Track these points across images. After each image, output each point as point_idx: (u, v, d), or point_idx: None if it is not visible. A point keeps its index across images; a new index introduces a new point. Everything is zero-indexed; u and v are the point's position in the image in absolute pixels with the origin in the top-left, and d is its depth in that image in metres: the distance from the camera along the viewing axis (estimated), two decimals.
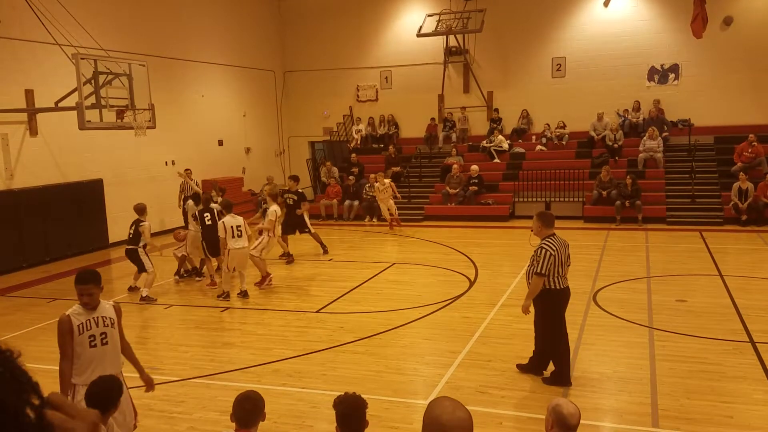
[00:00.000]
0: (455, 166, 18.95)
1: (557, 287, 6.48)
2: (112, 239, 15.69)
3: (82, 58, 12.13)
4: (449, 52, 21.16)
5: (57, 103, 13.05)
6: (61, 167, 14.58)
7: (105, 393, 3.92)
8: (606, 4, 19.63)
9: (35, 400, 0.90)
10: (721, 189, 16.93)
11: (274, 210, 11.29)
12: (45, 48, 13.46)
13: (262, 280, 11.12)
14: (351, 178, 19.53)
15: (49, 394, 1.02)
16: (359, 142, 22.00)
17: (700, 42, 17.33)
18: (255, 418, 3.70)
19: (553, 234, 6.52)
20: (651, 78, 19.66)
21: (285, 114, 23.71)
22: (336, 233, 17.02)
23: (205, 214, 11.13)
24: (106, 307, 4.72)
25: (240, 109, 21.39)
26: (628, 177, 16.88)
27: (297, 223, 13.44)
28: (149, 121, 13.50)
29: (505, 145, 20.02)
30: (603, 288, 10.32)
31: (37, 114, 13.82)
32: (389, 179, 17.63)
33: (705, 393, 6.30)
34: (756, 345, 7.56)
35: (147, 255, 10.68)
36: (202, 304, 10.41)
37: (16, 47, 13.46)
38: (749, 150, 17.09)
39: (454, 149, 20.10)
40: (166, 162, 17.65)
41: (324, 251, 13.73)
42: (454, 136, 21.19)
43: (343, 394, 3.63)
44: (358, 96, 22.84)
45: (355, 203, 19.00)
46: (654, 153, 18.13)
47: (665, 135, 18.66)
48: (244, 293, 10.49)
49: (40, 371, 4.46)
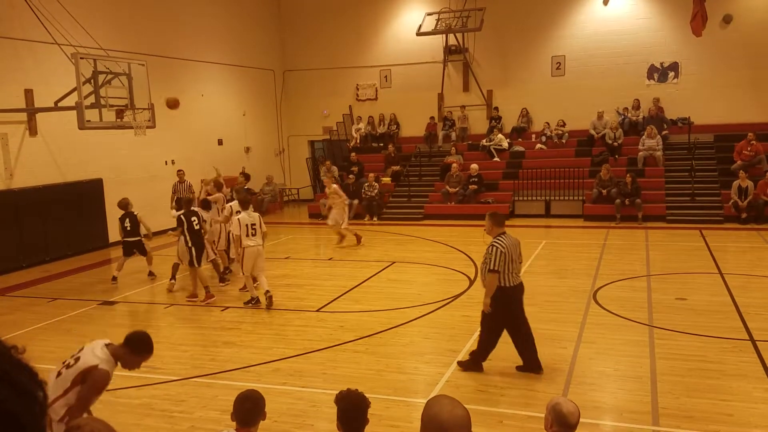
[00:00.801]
0: (455, 165, 18.94)
1: (509, 284, 6.72)
2: (111, 239, 15.67)
3: (81, 57, 12.13)
4: (449, 50, 21.15)
5: (56, 103, 13.05)
6: (61, 167, 14.58)
7: None
8: (605, 2, 19.61)
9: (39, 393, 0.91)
10: (721, 187, 16.93)
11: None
12: (44, 47, 13.46)
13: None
14: (351, 177, 19.53)
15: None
16: (359, 141, 22.00)
17: (699, 40, 17.34)
18: (255, 417, 3.69)
19: (504, 232, 6.77)
20: (650, 76, 19.66)
21: (284, 113, 23.71)
22: (335, 232, 17.00)
23: (192, 218, 10.51)
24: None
25: (240, 109, 21.39)
26: (628, 175, 16.88)
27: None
28: (149, 121, 13.49)
29: (505, 144, 20.02)
30: (603, 286, 10.33)
31: (37, 114, 13.81)
32: (336, 184, 15.19)
33: (705, 391, 6.31)
34: (756, 343, 7.57)
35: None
36: (201, 303, 10.40)
37: (15, 47, 13.45)
38: (749, 148, 17.10)
39: (453, 148, 20.10)
40: (165, 161, 17.65)
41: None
42: (453, 134, 21.19)
43: (346, 390, 3.63)
44: (357, 95, 22.83)
45: (355, 202, 18.99)
46: (654, 151, 18.14)
47: (665, 133, 18.66)
48: (255, 300, 9.94)
49: (40, 372, 4.47)
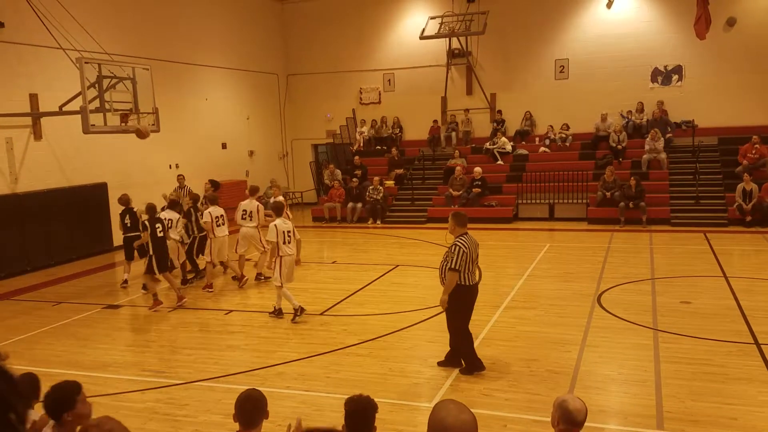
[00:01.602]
0: (458, 168, 18.94)
1: (467, 284, 6.87)
2: (116, 242, 15.68)
3: (86, 62, 12.16)
4: (452, 54, 21.17)
5: (61, 107, 13.10)
6: (66, 171, 14.63)
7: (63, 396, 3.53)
8: (609, 5, 19.63)
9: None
10: (726, 190, 16.89)
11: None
12: (49, 52, 13.51)
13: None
14: (354, 180, 19.55)
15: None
16: (362, 144, 22.02)
17: (703, 43, 17.31)
18: (257, 417, 3.64)
19: (466, 233, 6.95)
20: (654, 79, 19.64)
21: (288, 117, 23.75)
22: (339, 235, 17.04)
23: (156, 224, 10.17)
24: None
25: (243, 113, 21.43)
26: (632, 178, 16.85)
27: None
28: (153, 125, 13.52)
29: (509, 147, 20.01)
30: (607, 290, 10.31)
31: (42, 118, 13.87)
32: (257, 202, 12.72)
33: (710, 395, 6.29)
34: (761, 346, 7.54)
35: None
36: (205, 306, 10.43)
37: (20, 51, 13.52)
38: (753, 151, 17.06)
39: (457, 151, 20.10)
40: (170, 165, 17.69)
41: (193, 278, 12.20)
42: (454, 135, 21.15)
43: (356, 395, 3.61)
44: (361, 98, 22.87)
45: (359, 205, 19.01)
46: (658, 154, 18.11)
47: (669, 136, 18.64)
48: (279, 311, 9.54)
49: (45, 375, 4.48)
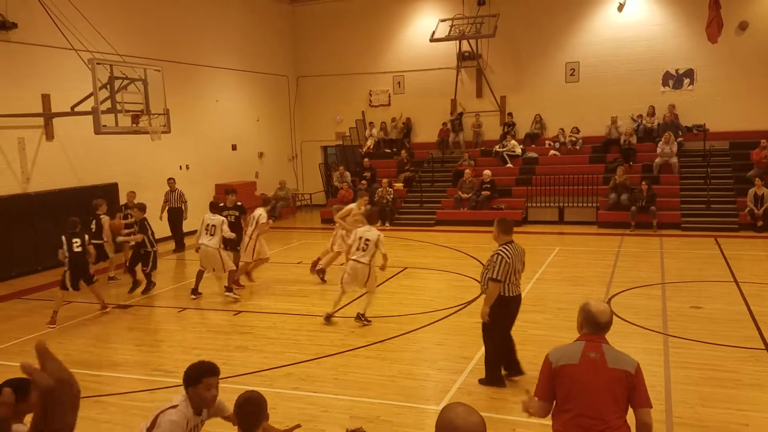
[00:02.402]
0: (467, 170, 18.92)
1: (509, 294, 6.57)
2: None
3: (98, 63, 12.25)
4: (462, 56, 21.16)
5: (73, 108, 13.19)
6: (77, 171, 14.73)
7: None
8: (620, 8, 19.56)
9: None
10: (737, 195, 16.79)
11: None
12: (61, 53, 13.62)
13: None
14: (363, 182, 19.56)
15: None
16: (371, 146, 22.04)
17: (715, 47, 17.21)
18: (258, 420, 3.64)
19: (511, 241, 6.55)
20: (666, 83, 19.55)
21: (298, 119, 23.81)
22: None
23: (74, 239, 9.72)
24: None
25: (253, 114, 21.51)
26: (643, 182, 16.77)
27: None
28: (164, 126, 13.60)
29: (518, 150, 19.97)
30: (617, 294, 10.26)
31: (54, 118, 13.97)
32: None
33: (720, 400, 6.24)
34: None
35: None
36: (214, 307, 10.46)
37: (33, 52, 13.63)
38: (762, 154, 16.93)
39: (466, 154, 20.09)
40: (180, 166, 17.78)
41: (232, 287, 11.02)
42: (462, 135, 21.11)
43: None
44: (370, 101, 22.89)
45: (367, 208, 18.99)
46: (670, 158, 18.02)
47: (680, 140, 18.54)
48: (360, 316, 9.15)
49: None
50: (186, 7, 18.25)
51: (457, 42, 20.77)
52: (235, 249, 11.56)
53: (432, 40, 20.38)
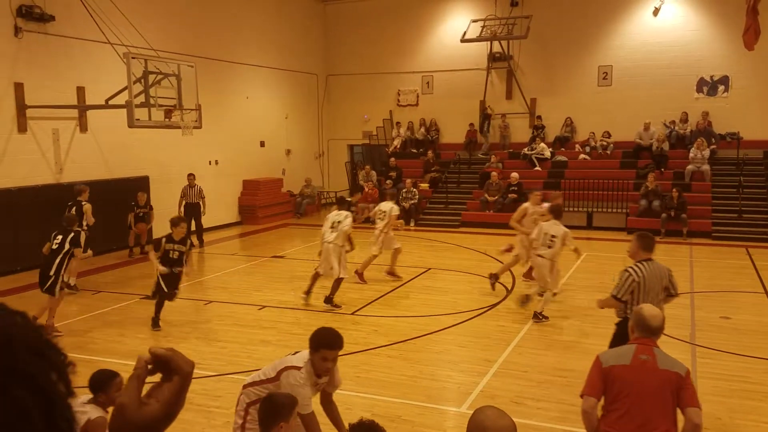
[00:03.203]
0: (494, 173, 18.82)
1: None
2: (156, 235, 16.01)
3: (133, 57, 12.44)
4: (493, 57, 21.05)
5: (107, 101, 13.41)
6: (109, 163, 14.97)
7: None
8: (655, 13, 19.27)
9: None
10: None
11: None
12: (97, 46, 13.86)
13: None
14: (388, 182, 19.57)
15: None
16: (398, 146, 22.04)
17: (751, 54, 16.84)
18: (271, 422, 3.62)
19: (649, 259, 5.72)
20: (700, 89, 19.23)
21: (326, 117, 23.91)
22: (372, 236, 17.03)
23: (57, 236, 8.91)
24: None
25: (282, 111, 21.65)
26: (674, 189, 16.52)
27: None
28: (196, 122, 13.75)
29: (547, 153, 19.79)
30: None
31: (88, 111, 14.23)
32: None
33: (747, 412, 6.14)
34: None
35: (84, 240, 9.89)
36: (240, 301, 10.56)
37: (69, 45, 13.89)
38: None
39: (493, 156, 19.98)
40: (209, 161, 17.98)
41: None
42: (490, 130, 21.03)
43: (363, 419, 3.64)
44: (398, 100, 22.89)
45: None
46: (702, 164, 17.72)
47: (713, 148, 18.22)
48: (539, 315, 9.11)
49: (82, 361, 4.58)
50: (219, 5, 18.43)
51: (489, 43, 20.66)
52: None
53: (463, 40, 20.30)
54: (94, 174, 14.53)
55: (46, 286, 8.63)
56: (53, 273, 8.60)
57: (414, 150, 21.95)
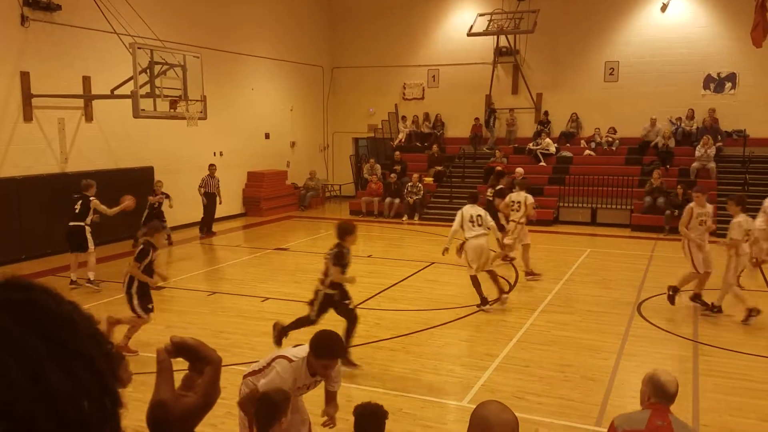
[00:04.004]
0: (499, 167, 18.76)
1: None
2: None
3: (138, 47, 12.44)
4: (499, 52, 20.98)
5: (113, 91, 13.42)
6: (114, 153, 15.00)
7: None
8: (663, 9, 19.17)
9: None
10: None
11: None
12: (103, 36, 13.86)
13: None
14: (393, 176, 19.57)
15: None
16: (403, 140, 22.02)
17: (759, 51, 16.71)
18: (269, 421, 3.65)
19: None
20: (706, 86, 19.14)
21: (331, 109, 23.89)
22: (376, 230, 17.08)
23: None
24: None
25: (287, 104, 21.64)
26: (679, 186, 16.47)
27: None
28: (201, 112, 13.77)
29: (552, 149, 19.75)
30: (648, 299, 10.12)
31: (93, 100, 14.24)
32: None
33: (748, 411, 6.13)
34: None
35: (90, 234, 10.66)
36: (243, 292, 10.59)
37: (76, 35, 13.89)
38: None
39: (498, 150, 19.95)
40: (214, 152, 17.98)
41: None
42: (496, 125, 20.99)
43: (366, 403, 3.68)
44: (404, 94, 22.85)
45: (396, 201, 19.03)
46: (708, 162, 17.66)
47: (719, 145, 18.15)
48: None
49: None
50: None
51: (495, 37, 20.59)
52: None
53: (469, 34, 20.24)
54: (98, 164, 14.56)
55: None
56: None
57: (419, 144, 21.92)
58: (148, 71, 12.56)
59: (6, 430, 0.68)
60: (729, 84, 18.94)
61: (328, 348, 4.19)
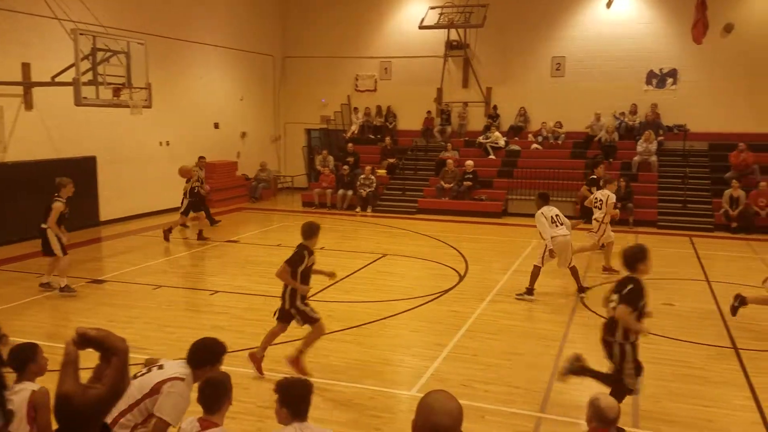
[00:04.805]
0: (450, 160, 18.96)
1: None
2: (103, 218, 15.66)
3: (80, 33, 12.03)
4: (450, 45, 21.12)
5: (53, 78, 12.96)
6: (55, 143, 14.49)
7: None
8: (608, 5, 19.62)
9: None
10: (713, 195, 17.02)
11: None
12: (44, 22, 13.34)
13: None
14: (346, 167, 19.53)
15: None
16: (356, 131, 21.97)
17: (699, 48, 17.37)
18: (217, 402, 3.65)
19: None
20: (649, 82, 19.71)
21: (282, 100, 23.63)
22: (328, 222, 17.02)
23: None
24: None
25: (237, 93, 21.30)
26: (621, 179, 16.92)
27: None
28: (146, 101, 13.42)
29: (501, 142, 20.04)
30: (591, 288, 10.39)
31: (33, 88, 13.72)
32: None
33: (687, 396, 6.38)
34: (739, 351, 7.65)
35: (56, 237, 9.58)
36: (191, 286, 10.41)
37: (16, 19, 13.34)
38: (741, 158, 17.18)
39: (449, 144, 20.12)
40: (160, 142, 17.58)
41: None
42: (449, 129, 21.19)
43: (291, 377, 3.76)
44: (356, 85, 22.78)
45: (349, 193, 19.00)
46: (649, 156, 18.21)
47: (660, 139, 18.74)
48: None
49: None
50: None
51: (446, 30, 20.72)
52: None
53: (421, 27, 20.30)
54: (39, 153, 14.05)
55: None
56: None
57: (372, 136, 21.92)
58: (90, 58, 12.17)
59: None
60: (670, 80, 19.55)
61: (212, 354, 4.06)
